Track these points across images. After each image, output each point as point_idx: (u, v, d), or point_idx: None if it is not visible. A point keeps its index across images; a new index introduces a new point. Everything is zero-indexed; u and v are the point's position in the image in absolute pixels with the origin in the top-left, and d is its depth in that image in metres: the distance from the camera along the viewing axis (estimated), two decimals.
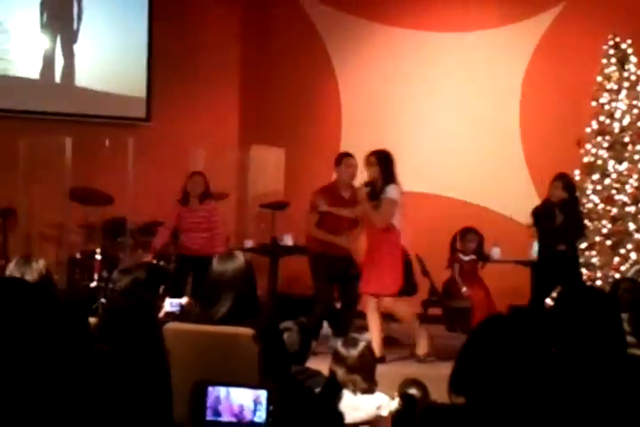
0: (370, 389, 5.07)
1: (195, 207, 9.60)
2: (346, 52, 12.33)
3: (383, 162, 8.40)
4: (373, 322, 8.26)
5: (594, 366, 3.17)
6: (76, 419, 3.04)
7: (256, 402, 3.56)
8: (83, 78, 11.78)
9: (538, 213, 9.18)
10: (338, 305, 9.48)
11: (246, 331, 4.66)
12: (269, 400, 3.54)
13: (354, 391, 5.01)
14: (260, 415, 3.56)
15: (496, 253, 9.86)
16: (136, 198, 10.64)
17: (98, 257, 10.11)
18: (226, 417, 3.58)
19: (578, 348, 3.25)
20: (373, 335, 7.95)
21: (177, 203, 9.59)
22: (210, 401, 3.58)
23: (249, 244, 10.18)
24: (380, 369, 5.29)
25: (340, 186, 9.16)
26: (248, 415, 3.56)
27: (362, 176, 8.81)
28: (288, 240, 10.12)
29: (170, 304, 5.49)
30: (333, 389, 4.95)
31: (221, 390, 3.60)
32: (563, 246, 8.93)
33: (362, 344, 5.16)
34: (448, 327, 9.78)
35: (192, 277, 9.40)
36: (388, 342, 9.51)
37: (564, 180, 9.13)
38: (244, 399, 3.58)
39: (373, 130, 12.07)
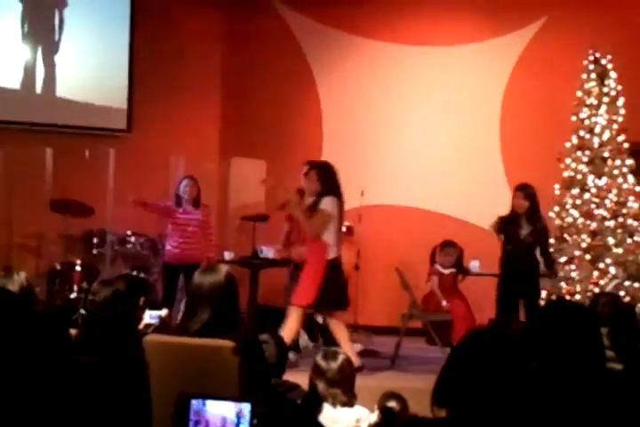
0: (349, 402, 5.06)
1: (189, 210, 9.62)
2: (327, 65, 12.35)
3: (322, 174, 8.37)
4: (340, 333, 8.23)
5: (573, 381, 3.18)
6: None
7: (239, 415, 3.55)
8: (63, 89, 11.75)
9: (505, 220, 9.21)
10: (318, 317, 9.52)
11: (226, 343, 4.66)
12: (253, 413, 3.53)
13: (333, 404, 5.01)
14: None
15: (475, 266, 9.89)
16: (116, 209, 10.62)
17: (78, 268, 10.09)
18: None
19: (558, 362, 3.25)
20: (344, 346, 7.89)
21: (172, 205, 9.67)
22: (192, 414, 3.56)
23: (229, 256, 10.17)
24: (360, 382, 5.28)
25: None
26: None
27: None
28: (269, 253, 10.11)
29: (149, 316, 5.48)
30: (314, 401, 4.95)
31: (204, 404, 3.59)
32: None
33: (341, 357, 5.14)
34: (428, 341, 9.79)
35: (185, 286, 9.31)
36: (368, 354, 9.55)
37: (525, 190, 9.20)
38: (227, 412, 3.57)
39: (354, 142, 12.10)
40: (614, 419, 3.02)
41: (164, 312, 5.70)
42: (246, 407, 3.55)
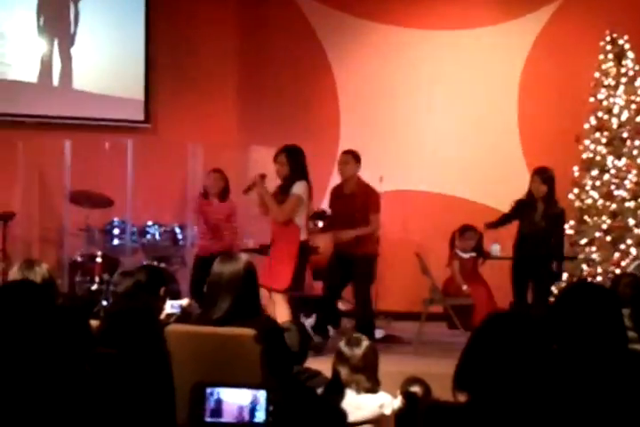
0: (373, 388, 5.07)
1: (215, 203, 9.68)
2: (343, 50, 12.33)
3: (293, 158, 8.47)
4: (282, 312, 8.20)
5: (595, 362, 3.17)
6: (79, 421, 3.04)
7: (255, 402, 3.56)
8: (81, 81, 11.77)
9: (521, 203, 9.19)
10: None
11: (248, 332, 4.67)
12: (269, 400, 3.54)
13: (357, 391, 5.01)
14: (260, 416, 3.56)
15: (496, 249, 9.85)
16: (136, 200, 10.65)
17: (98, 260, 10.11)
18: (225, 418, 3.57)
19: (579, 344, 3.25)
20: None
21: (199, 197, 9.74)
22: (209, 402, 3.57)
23: (250, 244, 10.18)
24: (382, 368, 5.29)
25: (342, 183, 9.52)
26: (247, 416, 3.56)
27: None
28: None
29: (170, 306, 5.50)
30: (336, 388, 4.95)
31: (220, 391, 3.59)
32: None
33: (365, 344, 5.14)
34: (449, 325, 9.78)
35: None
36: (389, 339, 9.56)
37: (543, 174, 9.12)
38: (243, 400, 3.58)
39: (372, 128, 12.08)
40: (636, 399, 3.01)
41: (185, 302, 5.72)
42: (262, 394, 3.56)
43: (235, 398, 3.58)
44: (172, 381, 4.02)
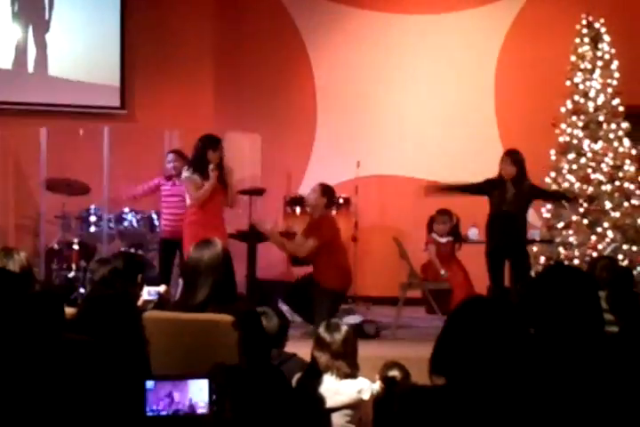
0: (353, 373, 5.07)
1: (178, 184, 9.61)
2: (319, 36, 12.30)
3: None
4: None
5: (572, 345, 3.18)
6: (50, 407, 3.03)
7: (197, 393, 3.54)
8: (56, 68, 11.69)
9: (490, 182, 9.11)
10: None
11: (226, 317, 4.67)
12: (211, 390, 3.53)
13: (337, 376, 5.01)
14: (203, 406, 3.55)
15: (474, 233, 9.87)
16: (112, 187, 10.61)
17: (75, 247, 10.08)
18: (166, 411, 3.56)
19: (556, 327, 3.25)
20: None
21: (159, 178, 9.73)
22: (150, 396, 3.55)
23: (227, 230, 10.16)
24: (361, 352, 5.29)
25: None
26: (190, 407, 3.55)
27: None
28: (266, 226, 10.11)
29: (148, 293, 5.48)
30: (314, 374, 4.96)
31: (160, 384, 3.58)
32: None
33: (344, 329, 5.14)
34: (428, 309, 9.80)
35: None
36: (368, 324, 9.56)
37: (513, 155, 9.03)
38: (185, 391, 3.56)
39: (348, 114, 12.07)
40: (613, 382, 3.02)
41: (162, 288, 5.71)
42: (204, 384, 3.55)
43: (176, 390, 3.57)
44: (149, 367, 4.02)
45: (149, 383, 3.56)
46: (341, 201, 11.22)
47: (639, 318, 4.80)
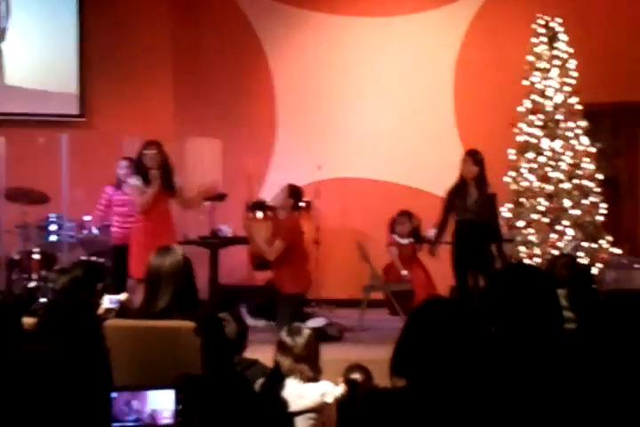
0: (315, 377, 5.07)
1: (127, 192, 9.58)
2: (278, 40, 12.29)
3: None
4: None
5: (532, 344, 3.19)
6: (4, 420, 3.01)
7: (164, 403, 3.53)
8: (13, 77, 11.64)
9: (452, 192, 9.21)
10: None
11: (187, 324, 4.66)
12: (177, 400, 3.52)
13: (300, 380, 5.01)
14: (169, 416, 3.54)
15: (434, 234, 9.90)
16: (72, 196, 10.54)
17: (36, 256, 10.00)
18: (132, 422, 3.54)
19: (516, 326, 3.27)
20: None
21: (109, 187, 9.67)
22: (115, 407, 3.53)
23: (188, 236, 10.14)
24: (325, 355, 5.29)
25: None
26: (155, 418, 3.54)
27: None
28: (227, 231, 10.11)
29: (109, 301, 5.45)
30: (277, 378, 4.95)
31: (126, 395, 3.56)
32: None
33: (307, 332, 5.14)
34: (391, 311, 9.82)
35: None
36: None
37: (474, 155, 9.13)
38: (151, 402, 3.55)
39: (309, 117, 12.08)
40: (573, 380, 3.03)
41: (123, 296, 5.67)
42: (170, 395, 3.54)
43: (143, 401, 3.55)
44: (110, 376, 4.00)
45: (114, 394, 3.54)
46: (303, 204, 11.22)
47: (598, 315, 4.82)
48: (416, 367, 2.85)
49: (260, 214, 10.43)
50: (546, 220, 10.33)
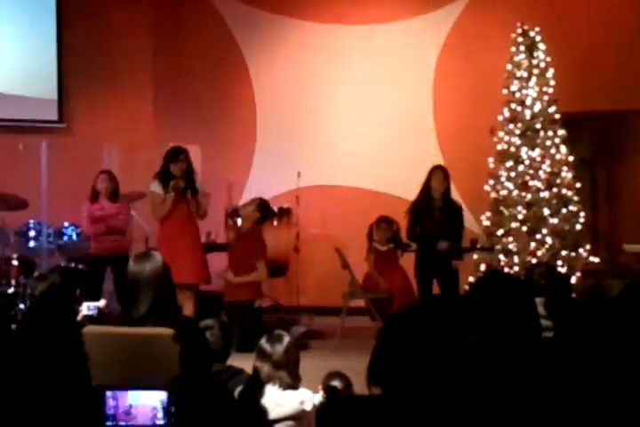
0: (294, 384, 5.07)
1: (106, 206, 9.58)
2: (258, 47, 12.30)
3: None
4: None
5: (509, 352, 3.20)
6: None
7: (157, 404, 3.53)
8: None
9: (416, 207, 9.44)
10: None
11: (166, 331, 4.64)
12: (170, 402, 3.52)
13: (279, 387, 5.01)
14: (162, 417, 3.53)
15: None
16: (51, 202, 10.52)
17: (14, 263, 9.97)
18: (125, 422, 3.54)
19: (493, 335, 3.28)
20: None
21: (86, 201, 9.62)
22: (108, 406, 3.52)
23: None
24: (304, 363, 5.29)
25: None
26: (149, 419, 3.53)
27: None
28: (206, 238, 10.11)
29: (87, 308, 5.44)
30: (256, 385, 4.95)
31: (120, 395, 3.55)
32: (443, 245, 9.26)
33: (286, 340, 5.14)
34: (371, 318, 9.83)
35: (113, 278, 9.35)
36: (312, 335, 9.57)
37: (444, 170, 9.54)
38: (145, 402, 3.54)
39: (288, 124, 12.09)
40: (549, 388, 3.05)
41: (102, 303, 5.66)
42: (164, 396, 3.53)
43: (136, 401, 3.55)
44: (89, 382, 3.99)
45: (108, 393, 3.54)
46: (282, 212, 11.26)
47: (575, 323, 4.85)
48: (392, 375, 2.85)
49: (239, 221, 10.42)
50: (525, 228, 10.36)
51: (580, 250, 10.37)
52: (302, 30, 12.21)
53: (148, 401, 3.55)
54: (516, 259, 10.25)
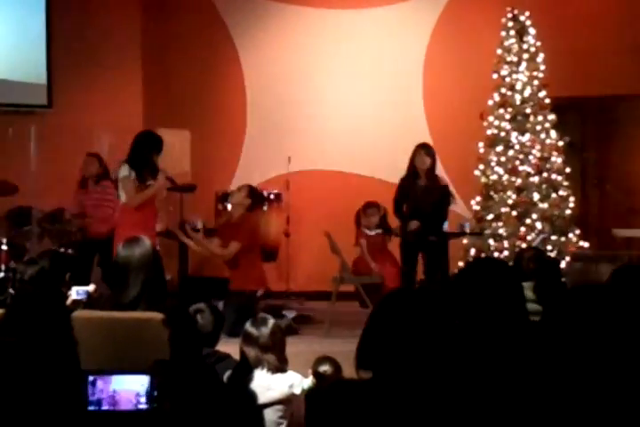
0: (282, 367, 5.08)
1: (90, 189, 9.60)
2: (248, 32, 12.27)
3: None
4: None
5: (496, 336, 3.21)
6: None
7: (140, 388, 3.52)
8: None
9: (403, 187, 9.44)
10: None
11: (156, 315, 4.65)
12: (152, 386, 3.51)
13: (267, 371, 5.02)
14: (145, 401, 3.53)
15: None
16: (41, 186, 10.49)
17: (4, 247, 9.94)
18: (108, 406, 3.53)
19: (480, 319, 3.29)
20: None
21: (77, 187, 9.63)
22: (91, 391, 3.52)
23: (158, 227, 10.10)
24: (294, 348, 5.31)
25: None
26: (132, 403, 3.53)
27: None
28: (197, 223, 10.09)
29: (76, 292, 5.43)
30: (245, 370, 4.96)
31: (103, 379, 3.55)
32: (414, 225, 9.23)
33: (271, 322, 5.16)
34: (361, 304, 9.84)
35: (99, 261, 9.38)
36: (302, 320, 9.58)
37: (427, 148, 9.44)
38: (128, 386, 3.54)
39: (278, 109, 12.07)
40: (536, 371, 3.06)
41: (91, 288, 5.65)
42: (146, 380, 3.53)
43: (119, 385, 3.55)
44: (79, 367, 3.99)
45: (91, 378, 3.53)
46: (272, 197, 11.26)
47: (561, 307, 4.86)
48: (380, 360, 2.85)
49: (229, 206, 10.42)
50: (515, 213, 10.38)
51: (570, 235, 10.41)
52: (292, 15, 12.18)
53: (132, 386, 3.54)
54: (505, 243, 10.27)
